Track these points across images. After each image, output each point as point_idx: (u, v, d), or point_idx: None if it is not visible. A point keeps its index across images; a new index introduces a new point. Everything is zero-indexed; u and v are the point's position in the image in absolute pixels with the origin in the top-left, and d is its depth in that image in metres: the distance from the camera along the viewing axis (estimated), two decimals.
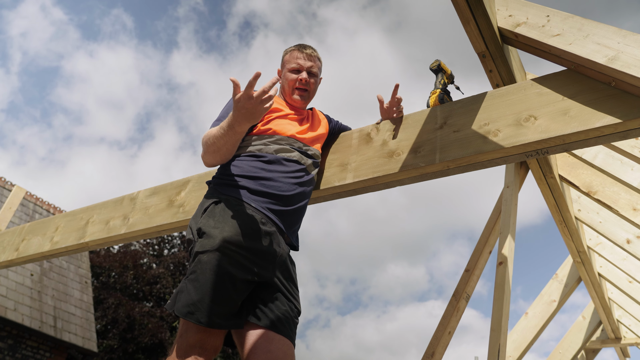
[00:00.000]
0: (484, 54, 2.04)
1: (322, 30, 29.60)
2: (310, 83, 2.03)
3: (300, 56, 2.04)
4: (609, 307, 4.46)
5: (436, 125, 2.03)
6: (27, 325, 8.17)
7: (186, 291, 1.56)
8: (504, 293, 2.24)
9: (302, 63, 2.03)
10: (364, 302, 52.93)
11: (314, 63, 2.05)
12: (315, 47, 2.12)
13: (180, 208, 2.62)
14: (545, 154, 1.83)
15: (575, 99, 1.76)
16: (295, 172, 1.86)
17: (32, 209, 10.24)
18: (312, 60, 2.05)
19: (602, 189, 2.75)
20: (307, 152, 1.97)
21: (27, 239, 3.35)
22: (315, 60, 2.06)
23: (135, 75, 44.34)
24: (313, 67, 2.04)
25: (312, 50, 2.08)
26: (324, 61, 2.17)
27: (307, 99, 2.06)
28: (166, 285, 14.74)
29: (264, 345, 1.59)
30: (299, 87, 2.02)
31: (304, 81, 2.01)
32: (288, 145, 1.89)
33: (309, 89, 2.03)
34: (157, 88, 47.52)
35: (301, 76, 2.01)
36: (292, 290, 1.78)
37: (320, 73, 2.12)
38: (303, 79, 2.01)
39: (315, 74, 2.06)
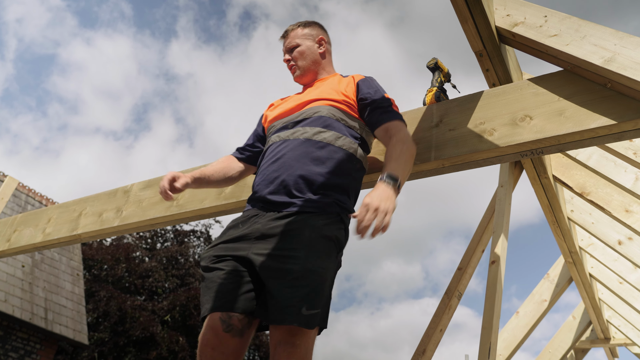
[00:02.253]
0: (481, 53, 2.05)
1: (323, 24, 30.46)
2: (292, 58, 2.01)
3: (282, 42, 2.09)
4: (599, 307, 4.50)
5: (432, 123, 2.03)
6: (18, 316, 8.13)
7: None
8: (495, 292, 2.25)
9: (283, 48, 2.07)
10: (358, 299, 53.10)
11: (290, 38, 2.04)
12: (299, 21, 2.09)
13: (174, 202, 2.61)
14: (540, 154, 1.84)
15: (571, 99, 1.77)
16: (271, 158, 1.76)
17: (24, 200, 10.18)
18: (288, 37, 2.05)
19: (595, 190, 2.77)
20: (295, 120, 1.82)
21: (19, 230, 3.33)
22: (290, 35, 2.05)
23: (133, 65, 44.00)
24: (290, 42, 2.03)
25: (287, 29, 2.08)
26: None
27: (302, 71, 1.99)
28: (158, 279, 14.70)
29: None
30: (290, 69, 2.04)
31: (284, 61, 2.04)
32: (269, 140, 1.87)
33: (294, 62, 2.01)
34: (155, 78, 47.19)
35: (284, 59, 2.05)
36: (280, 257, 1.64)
37: (310, 36, 2.03)
38: (284, 60, 2.05)
39: (295, 45, 2.01)
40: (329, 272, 1.50)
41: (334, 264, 1.54)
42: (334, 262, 1.54)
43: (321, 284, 1.45)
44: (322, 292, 1.45)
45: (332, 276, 1.52)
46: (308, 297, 1.42)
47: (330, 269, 1.51)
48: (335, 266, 1.55)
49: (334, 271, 1.54)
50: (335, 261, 1.55)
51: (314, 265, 1.46)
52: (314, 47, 2.02)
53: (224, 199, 2.42)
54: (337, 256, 1.57)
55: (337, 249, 1.56)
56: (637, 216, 2.70)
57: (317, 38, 2.04)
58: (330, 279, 1.51)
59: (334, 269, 1.54)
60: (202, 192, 2.53)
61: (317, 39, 2.04)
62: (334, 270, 1.55)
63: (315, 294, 1.43)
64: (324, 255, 1.50)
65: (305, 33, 2.04)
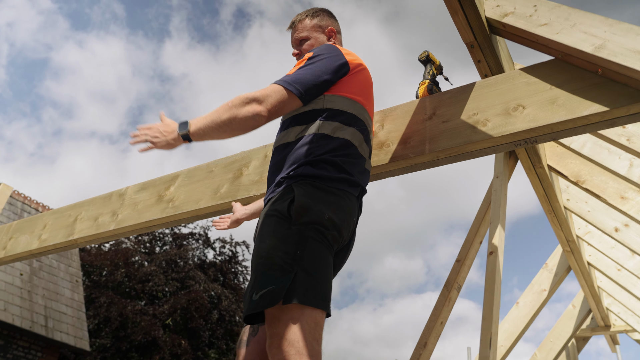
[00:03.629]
0: (472, 44, 2.05)
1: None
2: (302, 52, 1.92)
3: (290, 33, 2.00)
4: (598, 295, 4.51)
5: (425, 115, 2.03)
6: (18, 325, 8.11)
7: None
8: (494, 282, 2.25)
9: (291, 40, 1.98)
10: (360, 296, 53.11)
11: (298, 30, 1.95)
12: (307, 10, 2.01)
13: (169, 203, 2.60)
14: (534, 143, 1.84)
15: (562, 87, 1.77)
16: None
17: (20, 208, 10.14)
18: (297, 29, 1.96)
19: (590, 178, 2.77)
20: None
21: (15, 237, 3.31)
22: (298, 26, 1.96)
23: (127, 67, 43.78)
24: (299, 34, 1.94)
25: (294, 19, 1.99)
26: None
27: None
28: (158, 282, 14.67)
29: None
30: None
31: (294, 55, 1.96)
32: None
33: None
34: (149, 80, 46.93)
35: (293, 52, 1.97)
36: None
37: (319, 28, 1.95)
38: (293, 54, 1.97)
39: (304, 37, 1.93)
40: (275, 247, 1.38)
41: (283, 235, 1.40)
42: (284, 233, 1.40)
43: (266, 264, 1.36)
44: (269, 270, 1.35)
45: (285, 249, 1.37)
46: (255, 283, 1.35)
47: (276, 244, 1.39)
48: (289, 236, 1.40)
49: (287, 243, 1.38)
50: (286, 232, 1.40)
51: (257, 250, 1.43)
52: (324, 39, 1.94)
53: (219, 198, 2.41)
54: (291, 226, 1.41)
55: (284, 220, 1.43)
56: (632, 202, 2.70)
57: (326, 29, 1.95)
58: (283, 251, 1.36)
59: (287, 240, 1.39)
60: (198, 193, 2.52)
61: (327, 30, 1.95)
62: (290, 242, 1.38)
63: (262, 275, 1.35)
64: (266, 234, 1.43)
65: (314, 24, 1.95)
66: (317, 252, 1.40)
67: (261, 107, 1.55)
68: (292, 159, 1.59)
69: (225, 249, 17.07)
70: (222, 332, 15.17)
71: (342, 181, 1.55)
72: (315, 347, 1.30)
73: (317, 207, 1.45)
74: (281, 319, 1.30)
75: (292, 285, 1.31)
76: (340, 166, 1.57)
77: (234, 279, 16.80)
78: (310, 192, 1.48)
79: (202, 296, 14.27)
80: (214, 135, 1.58)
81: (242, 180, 2.40)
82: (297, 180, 1.52)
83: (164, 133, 1.61)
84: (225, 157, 2.57)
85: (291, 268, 1.34)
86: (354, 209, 1.58)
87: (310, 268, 1.36)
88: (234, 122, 1.54)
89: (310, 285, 1.34)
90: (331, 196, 1.50)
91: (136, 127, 1.68)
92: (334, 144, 1.59)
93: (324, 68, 1.66)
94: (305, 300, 1.31)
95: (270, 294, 1.30)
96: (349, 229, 1.55)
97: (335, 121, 1.64)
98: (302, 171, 1.53)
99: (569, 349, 5.36)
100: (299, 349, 1.26)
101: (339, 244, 1.52)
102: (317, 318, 1.34)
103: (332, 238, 1.46)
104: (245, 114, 1.54)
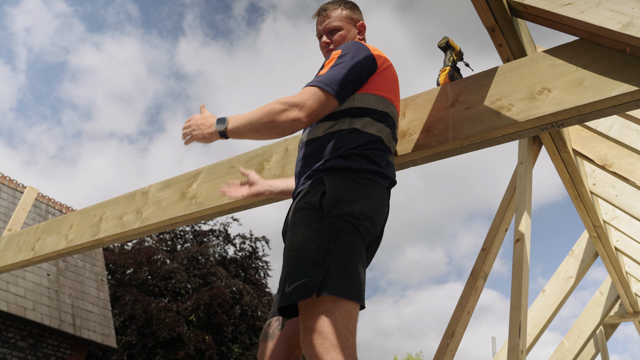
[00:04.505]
0: (493, 28, 2.01)
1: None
2: (333, 41, 1.87)
3: (318, 20, 1.94)
4: (626, 281, 4.42)
5: (447, 103, 2.00)
6: (47, 324, 8.29)
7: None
8: (522, 270, 2.22)
9: (320, 27, 1.92)
10: (382, 288, 53.10)
11: (330, 18, 1.89)
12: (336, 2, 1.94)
13: (192, 200, 2.62)
14: (561, 126, 1.80)
15: (589, 68, 1.73)
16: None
17: (44, 210, 10.34)
18: (326, 17, 1.90)
19: (617, 161, 2.71)
20: None
21: (42, 238, 3.37)
22: (331, 14, 1.90)
23: (143, 67, 44.17)
24: (331, 22, 1.89)
25: (328, 5, 1.92)
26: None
27: None
28: (180, 280, 14.85)
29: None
30: (327, 52, 1.90)
31: (324, 44, 1.90)
32: None
33: (335, 47, 1.87)
34: (165, 78, 47.36)
35: (322, 41, 1.91)
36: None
37: (351, 20, 1.92)
38: (322, 42, 1.90)
39: (337, 27, 1.88)
40: (308, 240, 1.38)
41: (315, 228, 1.40)
42: (316, 226, 1.40)
43: (298, 256, 1.36)
44: (302, 262, 1.35)
45: (318, 241, 1.37)
46: (288, 275, 1.36)
47: (309, 236, 1.38)
48: (321, 229, 1.40)
49: (320, 235, 1.38)
50: (318, 225, 1.40)
51: (289, 243, 1.43)
52: (355, 33, 1.91)
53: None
54: (322, 219, 1.41)
55: (315, 213, 1.43)
56: None
57: (357, 23, 1.93)
58: (315, 244, 1.36)
59: (319, 232, 1.39)
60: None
61: (358, 25, 1.93)
62: (322, 234, 1.39)
63: (294, 268, 1.35)
64: (298, 227, 1.43)
65: (346, 15, 1.91)
66: (349, 244, 1.39)
67: (301, 113, 1.53)
68: (322, 152, 1.59)
69: (245, 244, 17.19)
70: (244, 327, 15.30)
71: (372, 172, 1.55)
72: (350, 339, 1.29)
73: (349, 198, 1.45)
74: (314, 311, 1.30)
75: (325, 278, 1.31)
76: (371, 158, 1.57)
77: (254, 274, 16.91)
78: (341, 183, 1.48)
79: (224, 292, 14.40)
80: (250, 136, 1.58)
81: (264, 174, 2.40)
82: (328, 173, 1.52)
83: (201, 126, 1.63)
84: (246, 153, 2.57)
85: (324, 260, 1.34)
86: (384, 200, 1.58)
87: (343, 260, 1.36)
88: (273, 126, 1.54)
89: (343, 277, 1.34)
90: (362, 187, 1.50)
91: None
92: (364, 139, 1.60)
93: (355, 66, 1.64)
94: (339, 292, 1.31)
95: (304, 286, 1.30)
96: (381, 219, 1.55)
97: (365, 117, 1.64)
98: (333, 164, 1.53)
99: (597, 336, 5.28)
100: (333, 341, 1.25)
101: (372, 235, 1.52)
102: (351, 310, 1.33)
103: (365, 229, 1.46)
104: (284, 119, 1.52)
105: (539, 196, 62.27)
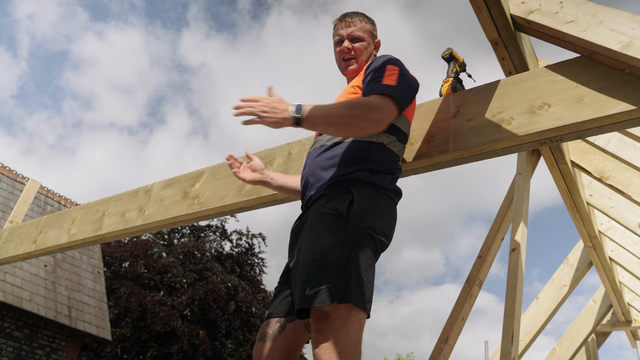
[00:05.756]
0: (496, 41, 2.04)
1: (337, 8, 29.24)
2: (355, 49, 1.90)
3: (340, 25, 1.96)
4: (619, 290, 4.48)
5: (449, 114, 2.04)
6: (43, 315, 8.31)
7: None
8: (517, 279, 2.27)
9: (343, 32, 1.94)
10: (378, 287, 53.21)
11: (355, 27, 1.92)
12: (360, 12, 1.99)
13: (195, 199, 2.65)
14: (559, 141, 1.84)
15: (589, 85, 1.77)
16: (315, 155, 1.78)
17: (43, 201, 10.35)
18: (351, 24, 1.93)
19: (614, 174, 2.76)
20: None
21: (45, 231, 3.41)
22: (356, 24, 1.93)
23: (145, 58, 43.94)
24: (355, 31, 1.92)
25: (353, 15, 1.97)
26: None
27: (358, 65, 1.92)
28: (176, 274, 14.89)
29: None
30: (345, 58, 1.93)
31: (345, 49, 1.91)
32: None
33: (356, 55, 1.91)
34: (168, 70, 47.17)
35: (343, 46, 1.92)
36: (297, 251, 1.58)
37: (372, 35, 1.97)
38: (344, 47, 1.91)
39: (360, 37, 1.92)
40: (333, 246, 1.41)
41: (339, 236, 1.44)
42: (341, 234, 1.44)
43: (322, 260, 1.39)
44: (325, 268, 1.37)
45: (342, 249, 1.41)
46: (309, 278, 1.37)
47: (334, 243, 1.42)
48: (345, 237, 1.44)
49: (344, 244, 1.43)
50: (343, 233, 1.44)
51: (312, 246, 1.44)
52: (372, 48, 1.98)
53: (244, 195, 2.46)
54: (348, 228, 1.45)
55: (341, 221, 1.46)
56: None
57: (376, 40, 2.01)
58: (339, 252, 1.40)
59: (344, 241, 1.43)
60: (223, 190, 2.57)
61: (376, 42, 2.01)
62: (346, 243, 1.43)
63: (317, 271, 1.38)
64: (323, 232, 1.46)
65: (370, 29, 1.97)
66: (367, 256, 1.46)
67: (384, 117, 1.59)
68: (348, 160, 1.64)
69: (241, 241, 17.23)
70: (239, 322, 15.35)
71: (392, 191, 1.65)
72: (357, 347, 1.35)
73: (373, 212, 1.52)
74: (331, 317, 1.35)
75: (346, 286, 1.36)
76: (394, 177, 1.68)
77: (250, 270, 16.95)
78: (367, 197, 1.55)
79: (219, 287, 14.44)
80: (325, 128, 1.56)
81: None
82: (355, 184, 1.57)
83: (274, 110, 1.49)
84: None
85: (346, 269, 1.39)
86: (396, 217, 1.67)
87: (362, 271, 1.41)
88: (356, 123, 1.55)
89: (360, 288, 1.39)
90: (383, 203, 1.58)
91: (239, 99, 1.53)
92: (390, 157, 1.69)
93: (411, 88, 1.74)
94: (356, 301, 1.36)
95: (328, 291, 1.34)
96: (392, 235, 1.62)
97: (392, 135, 1.72)
98: (362, 176, 1.59)
99: (588, 344, 5.33)
100: (344, 348, 1.31)
101: (384, 250, 1.59)
102: (362, 320, 1.39)
103: (380, 244, 1.54)
104: (370, 119, 1.55)
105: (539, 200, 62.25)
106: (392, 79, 1.68)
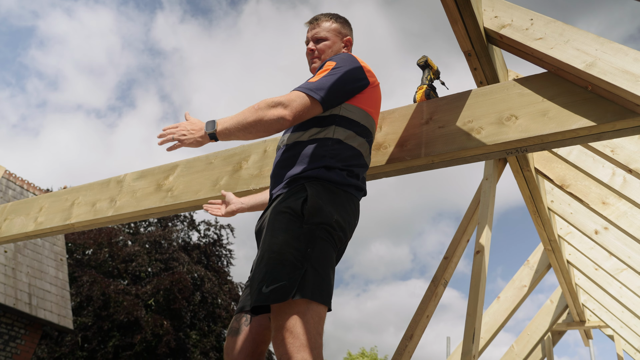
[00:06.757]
0: (469, 52, 2.12)
1: (316, 0, 29.14)
2: (317, 49, 1.98)
3: (308, 28, 2.06)
4: (575, 292, 4.69)
5: (422, 120, 2.11)
6: (2, 302, 8.10)
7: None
8: (480, 280, 2.37)
9: (308, 35, 2.04)
10: (345, 281, 53.60)
11: (317, 28, 2.01)
12: (330, 13, 2.06)
13: (168, 192, 2.66)
14: (525, 152, 1.94)
15: (554, 100, 1.86)
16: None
17: (5, 185, 10.04)
18: (316, 26, 2.02)
19: (574, 182, 2.90)
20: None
21: (10, 218, 3.34)
22: (321, 25, 2.02)
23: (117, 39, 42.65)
24: (317, 33, 2.00)
25: (321, 16, 2.05)
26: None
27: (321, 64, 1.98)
28: (141, 263, 14.68)
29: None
30: (309, 58, 2.02)
31: (309, 51, 2.01)
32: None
33: (318, 54, 1.98)
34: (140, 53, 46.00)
35: (307, 47, 2.02)
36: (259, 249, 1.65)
37: (339, 34, 2.03)
38: (308, 48, 2.01)
39: (324, 38, 1.99)
40: (288, 244, 1.45)
41: (295, 233, 1.47)
42: (296, 231, 1.48)
43: (277, 258, 1.43)
44: (280, 265, 1.41)
45: (297, 246, 1.45)
46: (266, 276, 1.41)
47: (289, 241, 1.46)
48: (301, 234, 1.47)
49: (299, 240, 1.46)
50: (298, 230, 1.48)
51: (269, 244, 1.49)
52: (340, 45, 2.02)
53: (218, 190, 2.48)
54: (303, 225, 1.49)
55: (296, 218, 1.51)
56: (613, 208, 2.83)
57: (345, 38, 2.04)
58: (295, 249, 1.44)
59: (299, 238, 1.47)
60: (197, 184, 2.58)
61: (345, 39, 2.04)
62: (301, 240, 1.47)
63: (273, 270, 1.41)
64: (278, 230, 1.50)
65: (335, 28, 2.03)
66: (324, 251, 1.49)
67: (286, 111, 1.62)
68: (305, 158, 1.68)
69: (209, 231, 17.12)
70: (204, 314, 15.28)
71: (351, 186, 1.67)
72: (318, 340, 1.39)
73: (328, 208, 1.55)
74: (288, 312, 1.39)
75: (301, 282, 1.40)
76: (352, 173, 1.69)
77: (217, 261, 16.87)
78: (321, 193, 1.58)
79: (185, 278, 14.32)
80: (239, 135, 1.66)
81: (242, 173, 2.47)
82: (310, 181, 1.61)
83: (191, 131, 1.67)
84: (225, 150, 2.63)
85: (302, 265, 1.43)
86: (357, 213, 1.69)
87: (318, 266, 1.45)
88: (260, 124, 1.62)
89: (317, 282, 1.43)
90: (340, 199, 1.61)
91: (161, 129, 1.74)
92: (347, 152, 1.71)
93: (346, 78, 1.75)
94: (313, 296, 1.40)
95: (282, 288, 1.38)
96: (352, 230, 1.65)
97: (349, 130, 1.74)
98: (317, 173, 1.63)
99: (544, 342, 5.57)
100: (303, 341, 1.35)
101: (342, 245, 1.62)
102: (321, 313, 1.43)
103: (338, 238, 1.56)
104: (270, 117, 1.61)
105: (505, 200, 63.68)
106: (320, 75, 1.75)
